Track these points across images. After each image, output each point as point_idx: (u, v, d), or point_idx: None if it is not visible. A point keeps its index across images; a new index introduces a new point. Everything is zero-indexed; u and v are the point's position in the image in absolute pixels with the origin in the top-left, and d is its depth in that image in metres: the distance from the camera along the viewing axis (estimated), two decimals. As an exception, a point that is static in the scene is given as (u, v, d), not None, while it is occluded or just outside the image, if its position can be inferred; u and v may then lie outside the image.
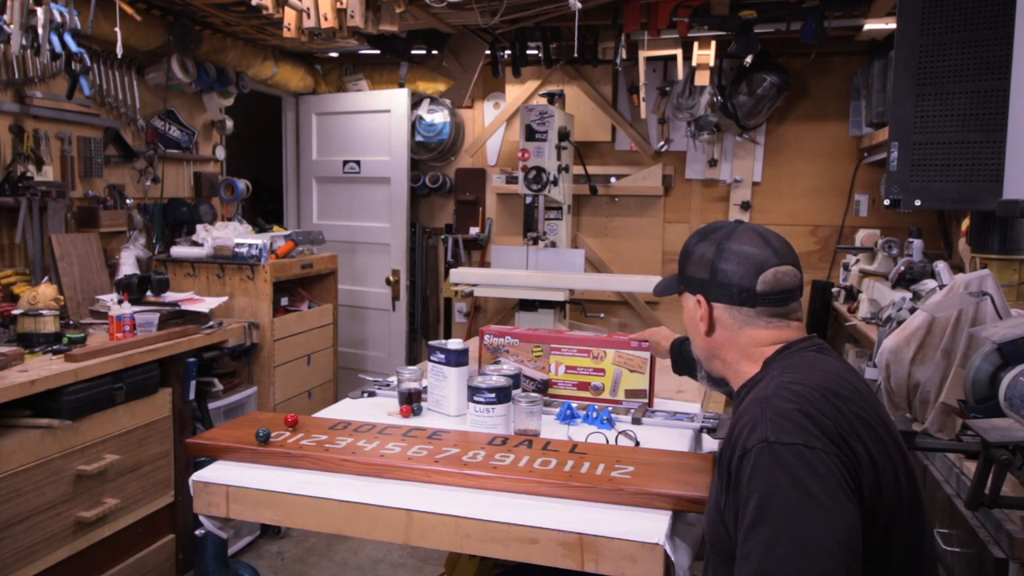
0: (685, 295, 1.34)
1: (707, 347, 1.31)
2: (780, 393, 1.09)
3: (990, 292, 1.77)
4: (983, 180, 1.85)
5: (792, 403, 1.06)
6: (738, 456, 1.05)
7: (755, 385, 1.19)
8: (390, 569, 3.23)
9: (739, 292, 1.24)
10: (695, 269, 1.30)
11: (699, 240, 1.32)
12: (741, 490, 1.03)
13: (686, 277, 1.32)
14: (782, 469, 0.99)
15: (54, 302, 2.61)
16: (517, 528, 1.34)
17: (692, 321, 1.32)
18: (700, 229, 1.36)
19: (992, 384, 1.50)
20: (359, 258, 4.69)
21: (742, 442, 1.06)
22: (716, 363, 1.32)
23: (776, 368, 1.19)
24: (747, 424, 1.07)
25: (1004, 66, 1.69)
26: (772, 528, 0.97)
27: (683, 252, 1.35)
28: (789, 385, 1.10)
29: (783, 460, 1.00)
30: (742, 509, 1.02)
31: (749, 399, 1.14)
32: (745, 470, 1.03)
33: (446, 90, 4.45)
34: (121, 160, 3.43)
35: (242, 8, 3.14)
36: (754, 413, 1.08)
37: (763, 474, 1.01)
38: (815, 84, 4.26)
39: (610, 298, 4.65)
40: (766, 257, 1.24)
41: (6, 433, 2.17)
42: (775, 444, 1.01)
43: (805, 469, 0.99)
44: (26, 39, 2.34)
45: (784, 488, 0.98)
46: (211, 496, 1.55)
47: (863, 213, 4.26)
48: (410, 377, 1.98)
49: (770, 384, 1.13)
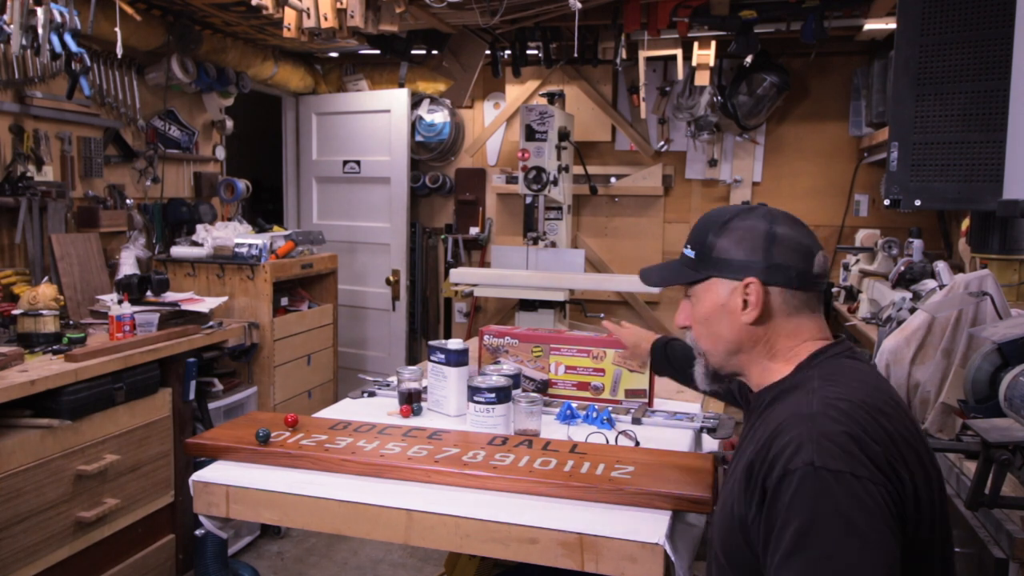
0: (708, 283, 1.19)
1: (739, 339, 1.18)
2: (827, 412, 1.01)
3: (990, 292, 1.77)
4: (983, 180, 1.85)
5: (841, 424, 0.99)
6: (778, 475, 0.98)
7: (788, 391, 1.12)
8: (390, 569, 3.23)
9: (798, 274, 1.14)
10: (736, 250, 1.16)
11: (735, 219, 1.18)
12: (778, 512, 0.96)
13: (714, 260, 1.18)
14: (826, 498, 0.93)
15: (54, 302, 2.61)
16: (517, 528, 1.34)
17: (721, 310, 1.18)
18: (718, 212, 1.22)
19: (992, 384, 1.50)
20: (359, 258, 4.69)
21: (784, 461, 0.98)
22: (740, 358, 1.20)
23: (815, 377, 1.10)
24: (791, 442, 0.99)
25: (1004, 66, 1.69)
26: (811, 560, 0.92)
27: (708, 234, 1.19)
28: (835, 402, 1.02)
29: (828, 488, 0.94)
30: (777, 532, 0.96)
31: (791, 414, 1.04)
32: (785, 493, 0.96)
33: (446, 90, 4.45)
34: (121, 160, 3.43)
35: (242, 8, 3.14)
36: (799, 431, 0.99)
37: (806, 501, 0.94)
38: (815, 84, 4.26)
39: (610, 298, 4.65)
40: (811, 239, 1.17)
41: (6, 433, 2.17)
42: (821, 470, 0.94)
43: (850, 499, 0.93)
44: (26, 39, 2.34)
45: (827, 518, 0.93)
46: (211, 496, 1.55)
47: (863, 213, 4.26)
48: (410, 377, 1.98)
49: (813, 398, 1.04)
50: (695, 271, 1.21)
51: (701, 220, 1.24)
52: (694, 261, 1.21)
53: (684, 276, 1.23)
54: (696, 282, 1.21)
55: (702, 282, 1.20)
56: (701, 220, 1.24)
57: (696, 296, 1.22)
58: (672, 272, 1.27)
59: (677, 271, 1.25)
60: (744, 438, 1.19)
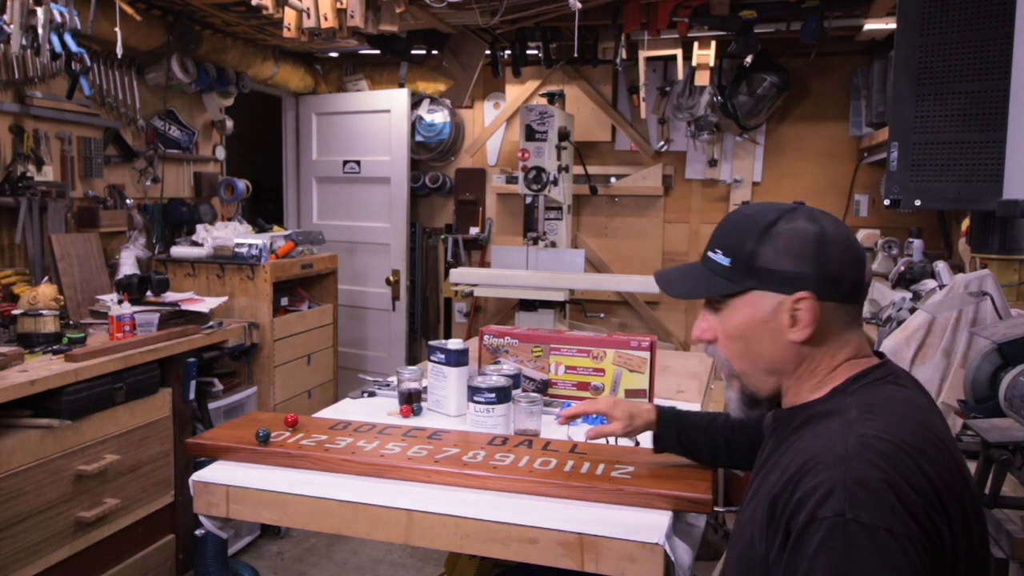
0: (748, 296, 1.06)
1: (781, 359, 1.06)
2: (864, 453, 0.91)
3: (990, 292, 1.77)
4: (983, 180, 1.85)
5: (878, 470, 0.89)
6: (804, 521, 0.89)
7: (819, 417, 1.02)
8: (390, 569, 3.23)
9: (852, 287, 1.03)
10: (785, 259, 1.03)
11: (780, 222, 1.04)
12: (799, 560, 0.89)
13: (757, 270, 1.04)
14: (854, 556, 0.85)
15: (54, 302, 2.61)
16: (517, 528, 1.34)
17: (762, 327, 1.05)
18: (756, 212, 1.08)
19: (992, 384, 1.50)
20: (359, 258, 4.69)
21: (812, 506, 0.89)
22: (778, 379, 1.09)
23: (852, 407, 0.99)
24: (821, 485, 0.90)
25: (1004, 66, 1.69)
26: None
27: (747, 239, 1.05)
28: (873, 441, 0.92)
29: (857, 546, 0.85)
30: (812, 569, 0.88)
31: (823, 449, 0.94)
32: (809, 542, 0.88)
33: (446, 90, 4.45)
34: (121, 160, 3.43)
35: (242, 8, 3.14)
36: (831, 474, 0.90)
37: (832, 556, 0.86)
38: (815, 84, 4.26)
39: (610, 298, 4.65)
40: (859, 243, 1.06)
41: (6, 433, 2.17)
42: (852, 523, 0.86)
43: (881, 559, 0.85)
44: (26, 39, 2.34)
45: (872, 565, 0.85)
46: (211, 496, 1.55)
47: (863, 213, 4.26)
48: (410, 377, 1.98)
49: (849, 434, 0.94)
50: (731, 281, 1.06)
51: (734, 221, 1.11)
52: (729, 270, 1.06)
53: (718, 287, 1.08)
54: (733, 295, 1.07)
55: (742, 295, 1.06)
56: (734, 221, 1.11)
57: (730, 308, 1.08)
58: (702, 282, 1.10)
59: (707, 281, 1.09)
60: (767, 457, 1.10)
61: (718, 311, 1.10)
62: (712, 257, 1.09)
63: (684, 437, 1.49)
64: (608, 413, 1.53)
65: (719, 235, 1.11)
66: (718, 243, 1.10)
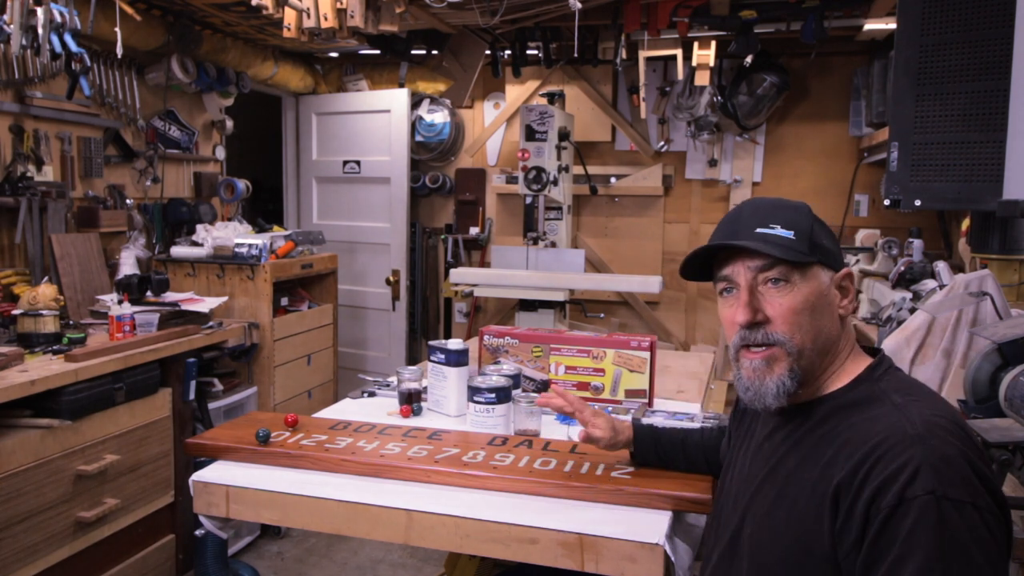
0: (813, 269, 1.08)
1: (835, 335, 1.10)
2: (935, 432, 0.93)
3: (990, 292, 1.77)
4: (983, 180, 1.85)
5: (954, 447, 0.92)
6: (890, 504, 0.90)
7: (853, 407, 1.04)
8: (390, 569, 3.23)
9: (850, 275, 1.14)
10: (828, 239, 1.11)
11: (808, 208, 1.14)
12: (890, 543, 0.90)
13: (817, 245, 1.09)
14: (951, 533, 0.87)
15: (54, 302, 2.61)
16: (517, 528, 1.34)
17: (824, 300, 1.08)
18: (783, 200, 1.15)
19: (992, 384, 1.50)
20: (359, 258, 4.69)
21: (898, 488, 0.90)
22: (825, 359, 1.10)
23: (890, 391, 1.03)
24: (905, 467, 0.91)
25: (1004, 66, 1.69)
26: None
27: (799, 218, 1.11)
28: (936, 420, 0.95)
29: (952, 521, 0.88)
30: (890, 566, 0.89)
31: (889, 433, 0.95)
32: (901, 523, 0.89)
33: (446, 90, 4.45)
34: (121, 160, 3.43)
35: (242, 8, 3.14)
36: (912, 454, 0.91)
37: (929, 534, 0.87)
38: (815, 84, 4.26)
39: (610, 298, 4.65)
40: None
41: (6, 433, 2.17)
42: (943, 500, 0.88)
43: (973, 534, 0.88)
44: (26, 39, 2.34)
45: (953, 555, 0.87)
46: (211, 496, 1.55)
47: (863, 213, 4.26)
48: (410, 377, 1.98)
49: (911, 415, 0.97)
50: (803, 253, 1.07)
51: (773, 203, 1.15)
52: (795, 242, 1.07)
53: (797, 255, 1.07)
54: (803, 266, 1.08)
55: (809, 267, 1.08)
56: (773, 203, 1.15)
57: (794, 284, 1.07)
58: (778, 245, 1.07)
59: (786, 245, 1.07)
60: (784, 455, 1.10)
61: (779, 286, 1.08)
62: (771, 232, 1.09)
63: (661, 452, 1.50)
64: (589, 421, 1.48)
65: (768, 212, 1.11)
66: (772, 219, 1.10)
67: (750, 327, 1.09)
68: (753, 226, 1.10)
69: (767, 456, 1.14)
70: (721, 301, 1.15)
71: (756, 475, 1.14)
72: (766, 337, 1.08)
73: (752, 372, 1.09)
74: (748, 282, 1.09)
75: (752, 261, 1.09)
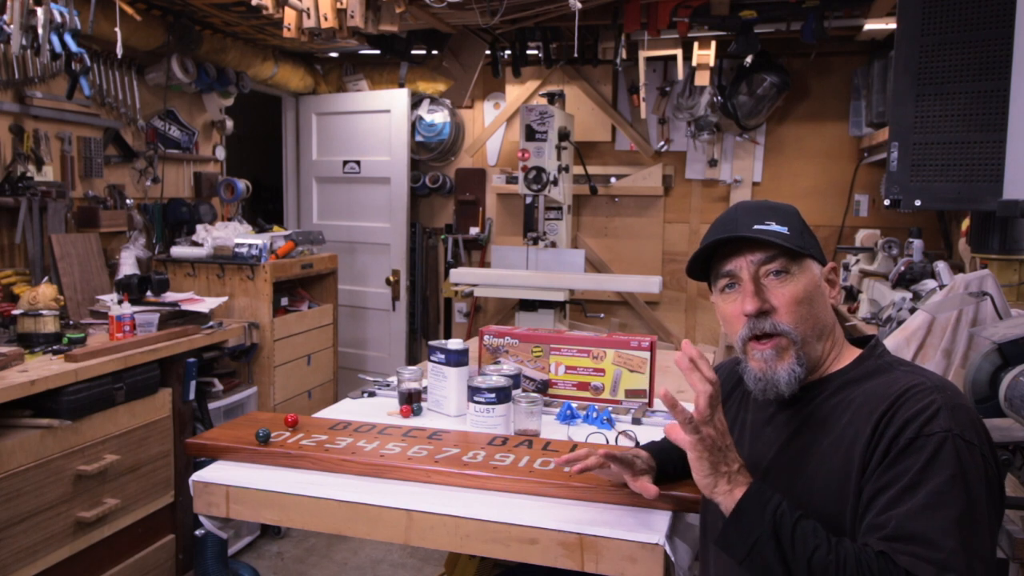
0: (808, 261, 1.14)
1: (831, 322, 1.16)
2: (948, 386, 1.05)
3: (990, 292, 1.77)
4: (983, 180, 1.85)
5: (965, 400, 1.05)
6: (909, 436, 0.99)
7: (862, 378, 1.11)
8: (390, 569, 3.23)
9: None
10: (812, 236, 1.18)
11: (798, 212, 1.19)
12: (906, 470, 0.98)
13: (809, 240, 1.16)
14: (964, 464, 0.97)
15: (54, 302, 2.61)
16: (517, 528, 1.34)
17: (818, 290, 1.14)
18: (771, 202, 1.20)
19: (992, 384, 1.50)
20: (359, 258, 4.69)
21: (919, 424, 0.99)
22: (825, 344, 1.15)
23: (894, 365, 1.13)
24: (927, 408, 1.00)
25: (1004, 66, 1.69)
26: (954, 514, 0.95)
27: (792, 216, 1.17)
28: (944, 382, 1.06)
29: (966, 456, 0.97)
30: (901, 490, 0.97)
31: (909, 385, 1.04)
32: (920, 455, 0.97)
33: (446, 90, 4.45)
34: (121, 160, 3.43)
35: (242, 8, 3.14)
36: (932, 399, 1.01)
37: (946, 462, 0.96)
38: (815, 84, 4.26)
39: (610, 298, 4.65)
40: None
41: (6, 433, 2.17)
42: (958, 438, 0.98)
43: (977, 474, 0.97)
44: (26, 39, 2.34)
45: (968, 482, 0.96)
46: (211, 496, 1.55)
47: (863, 213, 4.26)
48: (410, 377, 1.98)
49: (923, 375, 1.07)
50: (798, 247, 1.13)
51: (763, 203, 1.20)
52: (791, 237, 1.13)
53: (796, 246, 1.13)
54: (800, 258, 1.14)
55: (804, 260, 1.14)
56: (763, 203, 1.20)
57: (792, 276, 1.13)
58: (781, 238, 1.13)
59: (787, 237, 1.13)
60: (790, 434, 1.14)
61: (781, 278, 1.13)
62: (768, 228, 1.13)
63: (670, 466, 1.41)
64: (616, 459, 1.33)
65: (761, 211, 1.16)
66: (767, 217, 1.15)
67: (759, 316, 1.12)
68: (749, 224, 1.14)
69: (770, 441, 1.16)
70: (723, 298, 1.18)
71: (759, 461, 1.15)
72: (774, 327, 1.12)
73: (763, 363, 1.13)
74: (752, 274, 1.13)
75: (754, 255, 1.14)
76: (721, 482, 1.05)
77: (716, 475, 1.05)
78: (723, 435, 1.07)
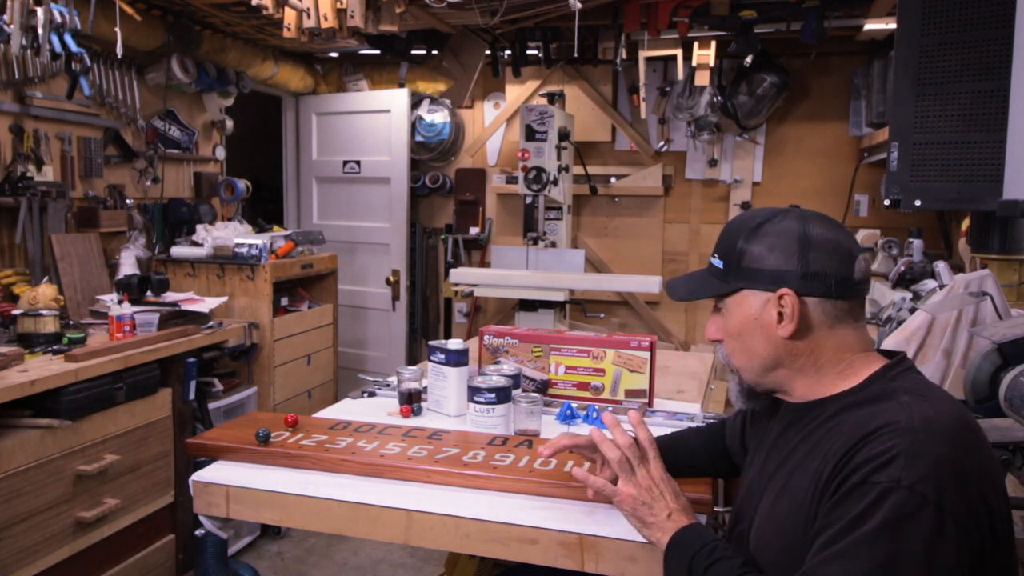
0: (739, 295, 1.12)
1: (776, 355, 1.10)
2: (930, 429, 0.94)
3: (990, 292, 1.77)
4: (983, 180, 1.85)
5: (942, 447, 0.92)
6: (855, 483, 0.93)
7: (865, 403, 1.04)
8: (390, 569, 3.23)
9: (837, 283, 1.06)
10: (769, 257, 1.08)
11: (766, 223, 1.10)
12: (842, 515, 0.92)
13: (744, 270, 1.10)
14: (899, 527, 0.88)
15: (54, 302, 2.61)
16: (517, 528, 1.34)
17: (754, 324, 1.10)
18: (749, 216, 1.14)
19: (992, 384, 1.50)
20: (359, 258, 4.69)
21: (868, 470, 0.92)
22: (779, 373, 1.12)
23: (900, 391, 1.02)
24: (883, 453, 0.93)
25: (1004, 66, 1.69)
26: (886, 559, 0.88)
27: (737, 240, 1.12)
28: (936, 418, 0.96)
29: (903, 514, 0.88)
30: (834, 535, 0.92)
31: (885, 423, 0.96)
32: (857, 501, 0.91)
33: (446, 90, 4.45)
34: (121, 160, 3.43)
35: (242, 8, 3.14)
36: (894, 444, 0.93)
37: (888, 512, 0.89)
38: (815, 84, 4.26)
39: (610, 298, 4.65)
40: (851, 241, 1.08)
41: (6, 433, 2.17)
42: (906, 491, 0.89)
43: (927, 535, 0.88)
44: (26, 39, 2.34)
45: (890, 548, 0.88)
46: (211, 496, 1.55)
47: (863, 213, 4.26)
48: (410, 377, 1.98)
49: (911, 412, 0.97)
50: (723, 282, 1.13)
51: (730, 225, 1.17)
52: (722, 271, 1.13)
53: (711, 288, 1.14)
54: (726, 295, 1.13)
55: (733, 295, 1.13)
56: (730, 225, 1.17)
57: (727, 309, 1.14)
58: (698, 284, 1.17)
59: (703, 282, 1.16)
60: (791, 450, 1.11)
61: (720, 312, 1.17)
62: (712, 262, 1.17)
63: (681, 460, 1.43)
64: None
65: (719, 240, 1.18)
66: (716, 248, 1.17)
67: (718, 343, 1.20)
68: (713, 251, 1.19)
69: (780, 451, 1.16)
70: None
71: (769, 470, 1.16)
72: (723, 353, 1.19)
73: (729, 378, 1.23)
74: (713, 304, 1.19)
75: None
76: (651, 531, 1.17)
77: (644, 527, 1.18)
78: (647, 490, 1.17)
